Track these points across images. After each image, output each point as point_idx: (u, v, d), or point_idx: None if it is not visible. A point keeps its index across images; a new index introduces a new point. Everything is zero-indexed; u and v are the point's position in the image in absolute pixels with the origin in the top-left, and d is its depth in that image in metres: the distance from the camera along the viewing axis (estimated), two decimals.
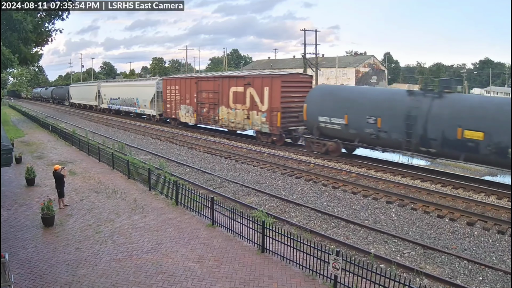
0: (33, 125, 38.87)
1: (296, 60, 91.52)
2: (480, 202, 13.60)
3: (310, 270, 8.47)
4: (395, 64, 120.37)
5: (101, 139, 28.70)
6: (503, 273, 9.03)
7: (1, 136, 12.64)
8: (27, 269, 8.74)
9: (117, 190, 14.85)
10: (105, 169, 18.63)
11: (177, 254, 9.48)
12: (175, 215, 12.25)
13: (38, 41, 23.91)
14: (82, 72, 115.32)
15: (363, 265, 7.53)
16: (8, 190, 14.96)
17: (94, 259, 9.24)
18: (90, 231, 10.92)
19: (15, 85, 69.84)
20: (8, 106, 75.92)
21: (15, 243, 10.13)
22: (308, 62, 53.34)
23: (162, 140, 28.23)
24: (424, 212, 12.87)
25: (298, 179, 17.02)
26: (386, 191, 14.95)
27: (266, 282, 8.21)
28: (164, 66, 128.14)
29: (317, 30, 52.40)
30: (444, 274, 9.08)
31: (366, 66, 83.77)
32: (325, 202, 14.16)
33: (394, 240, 10.86)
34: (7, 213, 12.35)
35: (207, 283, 8.16)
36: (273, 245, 9.38)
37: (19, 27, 17.22)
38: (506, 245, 10.49)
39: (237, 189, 15.87)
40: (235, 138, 26.96)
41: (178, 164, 20.47)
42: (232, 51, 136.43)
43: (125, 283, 8.17)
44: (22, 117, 49.99)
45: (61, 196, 13.01)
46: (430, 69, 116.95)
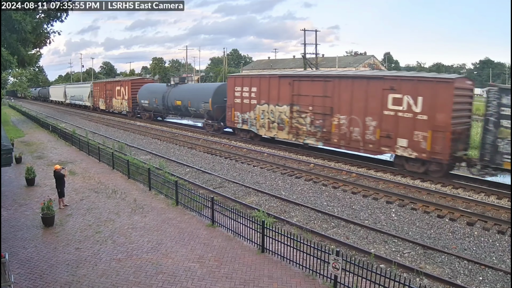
0: (33, 125, 38.85)
1: (296, 60, 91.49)
2: (480, 202, 13.60)
3: (310, 270, 8.47)
4: (395, 64, 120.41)
5: (101, 139, 28.70)
6: (503, 273, 9.03)
7: (1, 136, 12.64)
8: (27, 269, 8.74)
9: (117, 190, 14.85)
10: (105, 169, 18.63)
11: (177, 254, 9.48)
12: (175, 215, 12.24)
13: (37, 43, 23.87)
14: (82, 72, 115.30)
15: (363, 265, 7.53)
16: (8, 190, 14.95)
17: (94, 259, 9.24)
18: (90, 231, 10.92)
19: (15, 85, 71.03)
20: (8, 106, 75.91)
21: (15, 243, 10.13)
22: (308, 62, 53.33)
23: (162, 140, 28.22)
24: (424, 212, 12.87)
25: (298, 179, 17.01)
26: (386, 191, 14.95)
27: (266, 282, 8.21)
28: (164, 66, 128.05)
29: (317, 30, 52.43)
30: (444, 274, 9.08)
31: (366, 66, 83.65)
32: (325, 202, 14.16)
33: (394, 240, 10.86)
34: (7, 213, 12.35)
35: (207, 283, 8.16)
36: (273, 245, 9.38)
37: (18, 27, 17.21)
38: (506, 245, 10.49)
39: (237, 189, 15.87)
40: (234, 138, 26.93)
41: (178, 164, 20.47)
42: (232, 51, 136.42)
43: (125, 283, 8.17)
44: (22, 117, 49.98)
45: (61, 196, 13.01)
46: (430, 69, 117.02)
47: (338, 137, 19.87)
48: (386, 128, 17.69)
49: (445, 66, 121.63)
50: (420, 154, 16.61)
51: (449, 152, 15.89)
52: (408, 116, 16.94)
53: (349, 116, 19.30)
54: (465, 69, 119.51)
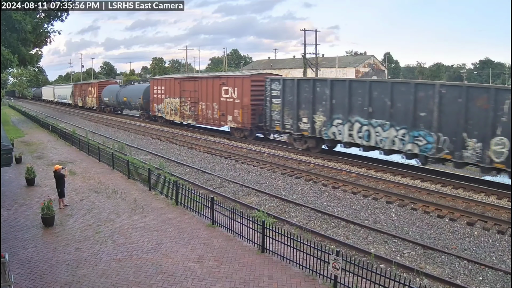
0: (33, 125, 38.87)
1: (296, 60, 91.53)
2: (480, 202, 13.59)
3: (310, 270, 8.47)
4: (395, 64, 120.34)
5: (101, 139, 28.70)
6: (503, 273, 9.03)
7: (1, 136, 12.64)
8: (27, 269, 8.74)
9: (117, 190, 14.85)
10: (105, 169, 18.63)
11: (177, 254, 9.48)
12: (175, 215, 12.25)
13: (37, 42, 23.88)
14: (82, 72, 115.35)
15: (363, 265, 7.53)
16: (8, 190, 14.96)
17: (94, 259, 9.24)
18: (90, 231, 10.92)
19: (15, 85, 71.81)
20: (8, 106, 75.93)
21: (15, 243, 10.13)
22: (308, 62, 53.36)
23: (162, 140, 28.23)
24: (424, 212, 12.87)
25: (298, 179, 17.02)
26: (386, 191, 14.96)
27: (266, 282, 8.21)
28: (164, 66, 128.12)
29: (317, 30, 52.41)
30: (444, 274, 9.08)
31: (366, 66, 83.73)
32: (325, 202, 14.16)
33: (394, 240, 10.86)
34: (7, 213, 12.35)
35: (207, 283, 8.16)
36: (273, 245, 9.38)
37: (19, 27, 17.22)
38: (506, 245, 10.49)
39: (237, 189, 15.87)
40: (235, 138, 26.95)
41: (178, 164, 20.47)
42: (232, 51, 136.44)
43: (125, 283, 8.17)
44: (22, 117, 50.00)
45: (61, 196, 13.01)
46: (430, 69, 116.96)
47: (201, 117, 29.54)
48: (222, 109, 27.18)
49: (445, 66, 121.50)
50: (239, 124, 26.05)
51: (251, 122, 25.17)
52: (231, 100, 26.33)
53: (206, 103, 28.88)
54: (465, 69, 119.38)
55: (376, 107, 17.81)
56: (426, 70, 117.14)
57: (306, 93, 20.89)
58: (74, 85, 65.99)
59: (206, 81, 28.86)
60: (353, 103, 18.76)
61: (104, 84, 53.62)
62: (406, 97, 16.69)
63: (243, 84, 25.18)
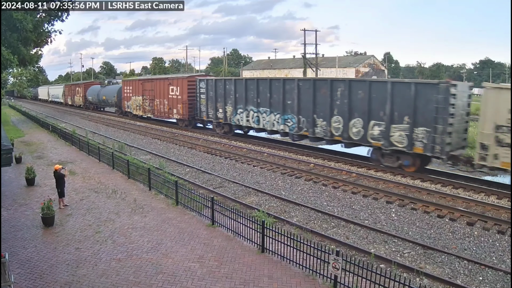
0: (33, 125, 38.85)
1: (296, 60, 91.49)
2: (480, 202, 13.59)
3: (310, 270, 8.47)
4: (395, 64, 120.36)
5: (101, 139, 28.70)
6: (503, 273, 9.03)
7: (1, 136, 12.64)
8: (27, 269, 8.74)
9: (117, 190, 14.85)
10: (105, 169, 18.63)
11: (177, 254, 9.48)
12: (175, 215, 12.25)
13: (38, 42, 23.83)
14: (82, 72, 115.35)
15: (363, 265, 7.53)
16: (8, 190, 14.96)
17: (94, 259, 9.24)
18: (90, 231, 10.92)
19: (15, 85, 72.16)
20: (8, 106, 75.91)
21: (15, 243, 10.13)
22: (308, 62, 53.37)
23: (162, 140, 28.23)
24: (424, 212, 12.87)
25: (298, 179, 17.01)
26: (386, 191, 14.96)
27: (266, 282, 8.21)
28: (164, 66, 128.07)
29: (317, 30, 52.45)
30: (444, 274, 9.08)
31: (366, 66, 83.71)
32: (325, 202, 14.16)
33: (394, 240, 10.86)
34: (7, 213, 12.35)
35: (207, 283, 8.16)
36: (273, 245, 9.38)
37: (20, 26, 17.20)
38: (506, 245, 10.49)
39: (237, 189, 15.87)
40: (235, 138, 26.96)
41: (178, 164, 20.47)
42: (232, 51, 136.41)
43: (125, 283, 8.17)
44: (22, 117, 49.98)
45: (61, 196, 13.01)
46: (430, 69, 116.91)
47: (157, 111, 35.82)
48: (170, 104, 33.45)
49: (445, 66, 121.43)
50: (181, 116, 32.42)
51: (188, 114, 31.46)
52: (175, 97, 32.66)
53: (159, 99, 35.02)
54: (465, 69, 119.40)
55: (262, 98, 23.98)
56: (426, 70, 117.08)
57: (220, 90, 27.37)
58: (65, 85, 72.95)
59: (159, 82, 35.72)
60: (248, 96, 25.02)
61: (89, 84, 59.80)
62: (278, 89, 22.69)
63: (182, 84, 31.89)
